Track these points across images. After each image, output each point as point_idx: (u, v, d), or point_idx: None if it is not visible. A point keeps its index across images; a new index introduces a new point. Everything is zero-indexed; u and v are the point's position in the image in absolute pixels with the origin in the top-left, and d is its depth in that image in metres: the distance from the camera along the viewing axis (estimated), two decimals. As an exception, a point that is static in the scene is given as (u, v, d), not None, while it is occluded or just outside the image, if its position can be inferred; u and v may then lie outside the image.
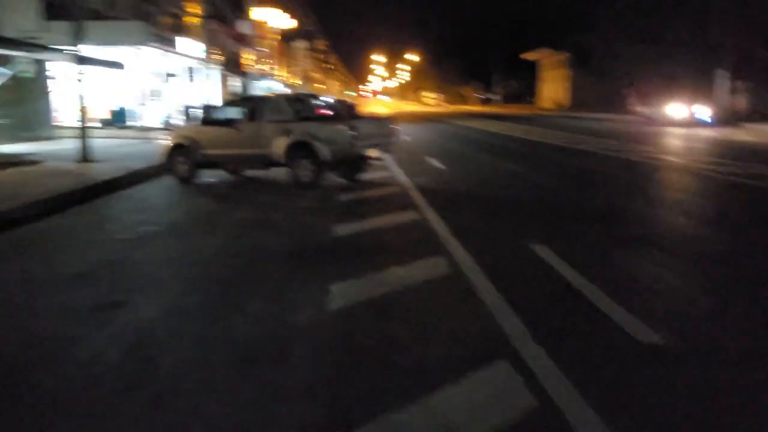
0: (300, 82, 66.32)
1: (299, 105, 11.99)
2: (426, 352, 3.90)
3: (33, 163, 13.37)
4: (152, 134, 22.23)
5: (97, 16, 25.49)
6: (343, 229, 7.47)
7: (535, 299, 4.87)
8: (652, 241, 6.79)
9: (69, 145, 14.98)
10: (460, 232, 7.15)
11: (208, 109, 12.43)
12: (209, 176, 12.30)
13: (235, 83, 41.95)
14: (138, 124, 24.82)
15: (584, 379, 3.43)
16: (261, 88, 45.38)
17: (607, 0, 51.68)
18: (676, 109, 32.79)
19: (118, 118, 24.10)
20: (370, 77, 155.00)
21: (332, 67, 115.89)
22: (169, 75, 31.41)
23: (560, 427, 2.98)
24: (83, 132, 14.21)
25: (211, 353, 3.92)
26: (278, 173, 11.79)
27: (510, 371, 3.57)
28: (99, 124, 24.27)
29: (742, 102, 35.16)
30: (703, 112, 31.69)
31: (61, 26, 21.45)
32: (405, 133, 28.32)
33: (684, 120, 31.69)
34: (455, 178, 12.41)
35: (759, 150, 18.47)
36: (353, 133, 10.44)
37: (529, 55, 78.57)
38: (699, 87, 34.77)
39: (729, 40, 31.82)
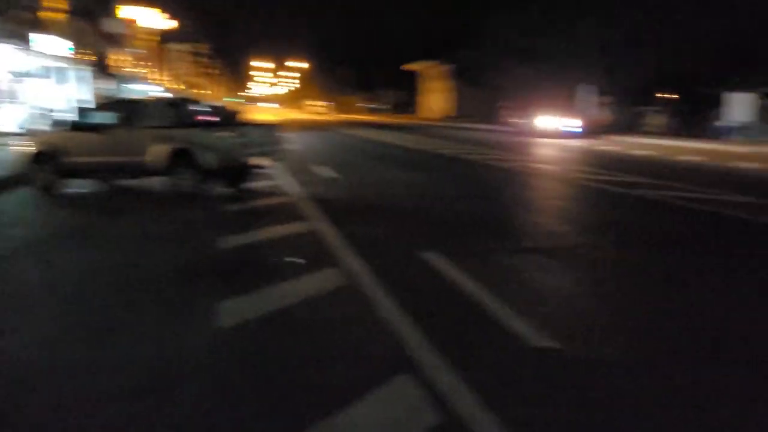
0: (181, 87, 63.82)
1: (180, 110, 11.39)
2: (326, 368, 3.74)
3: None
4: (7, 140, 20.40)
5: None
6: (231, 242, 7.10)
7: (432, 309, 4.82)
8: (539, 247, 6.99)
9: None
10: (353, 241, 7.01)
11: (80, 112, 11.54)
12: (77, 187, 11.39)
13: (108, 86, 39.61)
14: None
15: (486, 389, 3.42)
16: (136, 92, 43.16)
17: (489, 17, 54.16)
18: (545, 120, 34.68)
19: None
20: (254, 83, 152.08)
21: (216, 71, 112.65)
22: (24, 75, 28.91)
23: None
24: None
25: (90, 386, 3.51)
26: (155, 183, 11.11)
27: (413, 385, 3.49)
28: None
29: (606, 115, 37.75)
30: (572, 123, 33.67)
31: None
32: (293, 142, 27.93)
33: (553, 131, 33.56)
34: (346, 187, 12.28)
35: (625, 159, 19.80)
36: (239, 140, 10.03)
37: (412, 67, 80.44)
38: (568, 101, 36.99)
39: (595, 58, 34.22)
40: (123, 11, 46.44)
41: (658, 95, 37.09)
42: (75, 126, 10.96)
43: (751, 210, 9.63)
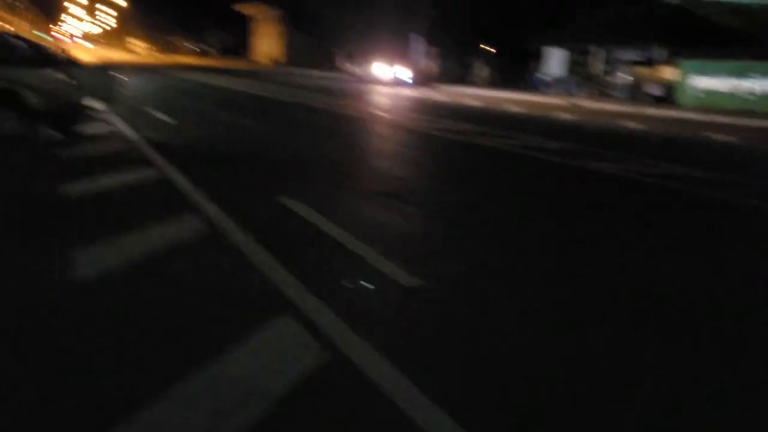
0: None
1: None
2: (205, 314, 3.74)
3: None
4: None
5: None
6: (73, 190, 6.65)
7: (300, 252, 4.95)
8: (387, 190, 7.35)
9: None
10: (206, 188, 6.87)
11: None
12: None
13: None
14: None
15: (366, 326, 3.61)
16: None
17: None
18: (380, 69, 35.49)
19: None
20: (64, 18, 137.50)
21: (19, 4, 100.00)
22: None
23: (354, 374, 3.07)
24: None
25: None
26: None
27: (293, 325, 3.58)
28: None
29: (433, 65, 39.40)
30: (404, 73, 34.78)
31: None
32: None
33: (388, 80, 34.47)
34: (187, 133, 11.85)
35: (455, 108, 20.97)
36: (70, 80, 9.27)
37: (243, 9, 77.28)
38: (399, 49, 38.00)
39: (423, 8, 35.32)
40: None
41: (482, 47, 39.27)
42: None
43: (564, 154, 10.82)
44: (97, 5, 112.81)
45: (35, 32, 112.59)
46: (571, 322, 3.84)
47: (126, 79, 11.23)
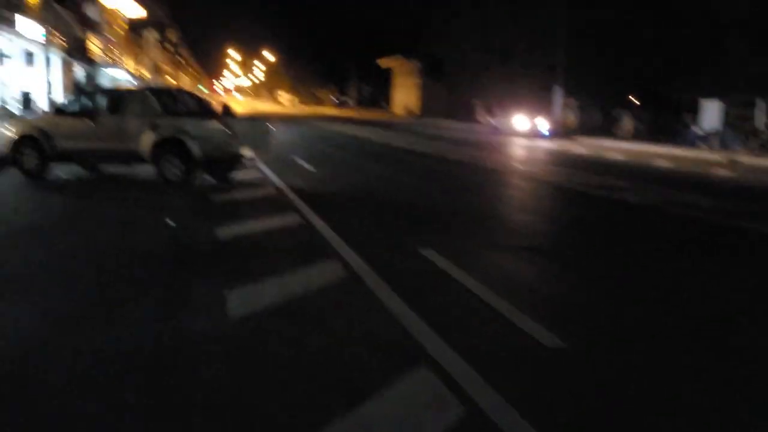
0: (148, 75, 62.79)
1: (166, 98, 11.37)
2: (344, 359, 3.81)
3: None
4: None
5: None
6: (227, 232, 7.14)
7: (437, 304, 4.93)
8: (529, 245, 7.19)
9: None
10: (347, 235, 7.09)
11: (70, 98, 11.38)
12: (62, 172, 11.27)
13: (80, 71, 38.84)
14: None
15: (504, 383, 3.49)
16: (107, 77, 42.40)
17: (460, 13, 54.66)
18: (519, 120, 35.21)
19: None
20: (224, 73, 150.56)
21: (183, 60, 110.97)
22: (3, 56, 28.37)
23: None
24: None
25: (95, 370, 3.52)
26: (141, 171, 11.06)
27: (431, 377, 3.54)
28: None
29: (573, 117, 38.49)
30: (543, 124, 34.28)
31: None
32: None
33: (527, 131, 34.10)
34: (329, 180, 12.38)
35: (595, 161, 20.25)
36: (228, 131, 10.04)
37: (384, 62, 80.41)
38: (538, 100, 37.58)
39: (564, 58, 34.75)
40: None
41: (629, 98, 37.81)
42: (59, 111, 10.81)
43: (720, 213, 10.02)
44: (252, 60, 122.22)
45: (199, 86, 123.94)
46: (717, 405, 3.48)
47: (274, 129, 11.97)
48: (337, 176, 13.10)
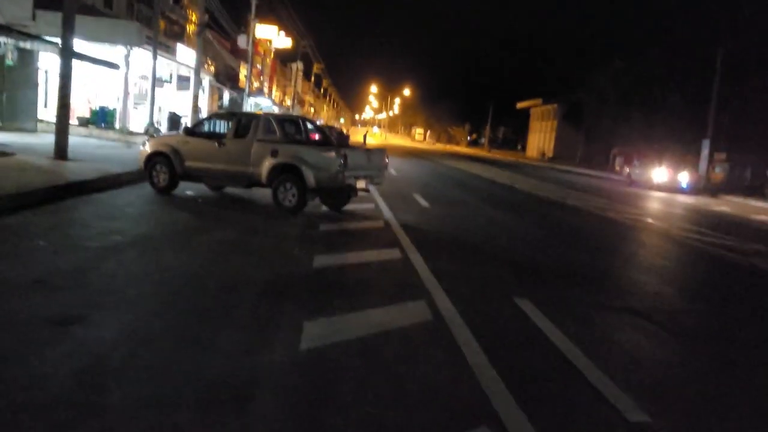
0: (290, 104, 66.30)
1: (289, 126, 11.79)
2: (402, 407, 3.59)
3: (4, 154, 12.90)
4: (134, 138, 21.82)
5: (91, 11, 25.21)
6: (323, 261, 7.17)
7: (521, 362, 4.59)
8: (636, 307, 6.59)
9: (49, 140, 14.51)
10: (443, 276, 6.89)
11: (200, 121, 12.15)
12: (189, 190, 11.96)
13: (226, 96, 41.74)
14: (120, 126, 24.37)
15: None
16: (251, 105, 45.16)
17: (604, 60, 53.04)
18: (659, 173, 33.11)
19: (99, 118, 23.64)
20: (366, 107, 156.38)
21: (327, 91, 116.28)
22: (163, 81, 31.11)
23: None
24: (61, 127, 13.75)
25: (168, 390, 3.55)
26: (262, 194, 11.48)
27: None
28: (76, 122, 23.81)
29: (721, 173, 35.77)
30: (683, 178, 32.07)
31: (52, 17, 21.20)
32: (392, 167, 28.27)
33: (664, 184, 32.02)
34: (440, 219, 12.22)
35: (740, 223, 18.54)
36: (341, 161, 10.18)
37: (523, 104, 79.76)
38: (683, 153, 35.31)
39: (720, 117, 32.51)
40: (259, 30, 48.78)
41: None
42: (188, 132, 11.49)
43: None
44: (392, 96, 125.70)
45: (340, 120, 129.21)
46: None
47: (387, 161, 12.02)
48: (447, 215, 12.89)
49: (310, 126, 12.44)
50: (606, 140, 53.27)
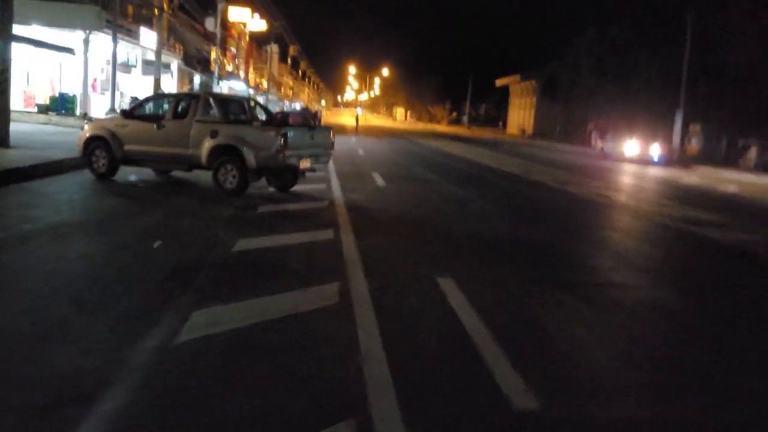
0: (266, 87, 65.50)
1: (232, 106, 11.40)
2: (267, 402, 3.30)
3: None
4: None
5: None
6: (246, 245, 6.84)
7: (418, 346, 4.31)
8: (565, 281, 6.32)
9: None
10: (370, 257, 6.62)
11: (139, 102, 11.70)
12: (133, 175, 11.55)
13: (197, 80, 41.00)
14: (80, 113, 23.76)
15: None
16: (225, 88, 44.45)
17: (580, 30, 52.46)
18: (631, 145, 32.92)
19: (59, 105, 23.02)
20: (347, 88, 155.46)
21: (305, 73, 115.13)
22: (129, 66, 30.43)
23: None
24: (4, 115, 13.25)
25: (10, 394, 3.23)
26: (207, 177, 11.09)
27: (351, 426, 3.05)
28: (35, 110, 23.23)
29: (695, 145, 35.69)
30: (655, 151, 31.89)
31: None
32: (361, 147, 27.88)
33: (638, 157, 31.87)
34: (392, 197, 11.91)
35: (704, 194, 18.38)
36: (281, 140, 9.82)
37: (502, 81, 79.20)
38: (656, 125, 35.13)
39: (689, 81, 32.24)
40: (231, 14, 47.86)
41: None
42: (125, 114, 11.03)
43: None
44: (371, 76, 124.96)
45: (322, 102, 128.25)
46: None
47: (361, 142, 11.72)
48: (402, 195, 12.52)
49: (256, 106, 12.03)
50: (584, 114, 52.93)
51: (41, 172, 10.89)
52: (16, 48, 22.72)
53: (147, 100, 11.91)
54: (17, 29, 20.96)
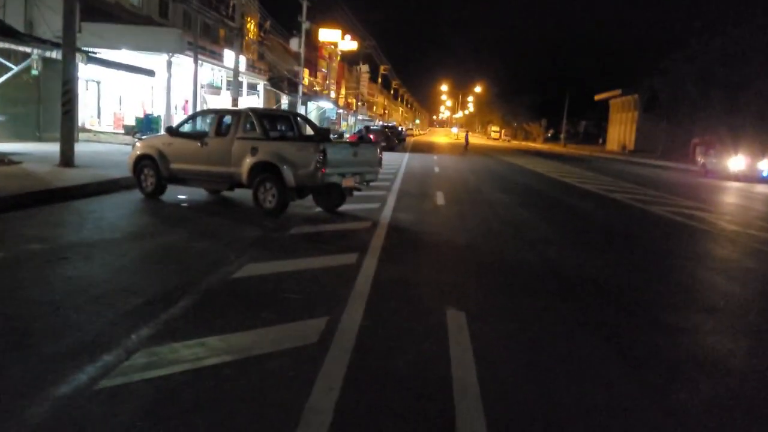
0: (358, 105, 66.20)
1: (275, 122, 11.07)
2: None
3: (12, 163, 12.86)
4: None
5: (132, 20, 25.57)
6: (252, 270, 6.33)
7: (379, 407, 3.55)
8: (609, 328, 5.35)
9: (80, 150, 14.38)
10: (383, 285, 6.01)
11: (184, 120, 11.60)
12: (183, 194, 11.44)
13: (284, 100, 41.79)
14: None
15: None
16: (310, 108, 45.12)
17: (684, 43, 49.24)
18: (738, 161, 30.15)
19: (144, 126, 23.82)
20: (441, 107, 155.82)
21: (398, 92, 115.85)
22: (215, 87, 31.37)
23: None
24: (66, 135, 13.61)
25: None
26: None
27: None
28: (122, 131, 24.20)
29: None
30: (764, 166, 29.03)
31: (97, 28, 21.53)
32: (439, 165, 27.14)
33: (744, 174, 29.11)
34: (443, 219, 11.11)
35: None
36: (319, 158, 9.30)
37: (600, 96, 76.05)
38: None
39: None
40: (322, 34, 48.87)
41: None
42: (170, 132, 10.87)
43: None
44: (465, 94, 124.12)
45: (416, 121, 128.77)
46: None
47: (438, 160, 11.09)
48: (459, 216, 11.57)
49: (300, 121, 11.63)
50: (688, 129, 49.58)
51: (92, 191, 10.97)
52: (106, 72, 23.97)
53: (193, 116, 11.74)
54: (108, 54, 22.04)
